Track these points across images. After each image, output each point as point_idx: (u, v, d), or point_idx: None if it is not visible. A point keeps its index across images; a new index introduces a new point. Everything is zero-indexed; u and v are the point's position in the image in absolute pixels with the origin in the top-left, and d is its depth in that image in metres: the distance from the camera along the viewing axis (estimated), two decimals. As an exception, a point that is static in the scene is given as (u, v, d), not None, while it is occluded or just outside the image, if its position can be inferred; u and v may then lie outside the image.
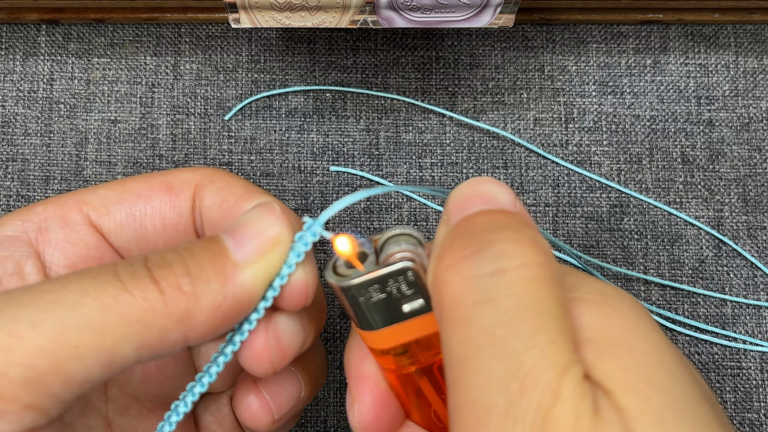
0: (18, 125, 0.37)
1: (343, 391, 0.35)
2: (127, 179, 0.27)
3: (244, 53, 0.38)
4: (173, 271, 0.21)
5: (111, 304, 0.20)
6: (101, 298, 0.20)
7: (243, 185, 0.26)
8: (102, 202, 0.26)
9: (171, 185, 0.27)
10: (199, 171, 0.27)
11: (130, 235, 0.27)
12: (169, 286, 0.21)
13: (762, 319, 0.36)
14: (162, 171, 0.28)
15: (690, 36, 0.38)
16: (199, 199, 0.27)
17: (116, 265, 0.21)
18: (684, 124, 0.37)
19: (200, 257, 0.22)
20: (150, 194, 0.27)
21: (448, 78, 0.38)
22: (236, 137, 0.37)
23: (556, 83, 0.38)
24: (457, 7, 0.29)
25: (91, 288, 0.20)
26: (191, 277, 0.21)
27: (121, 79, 0.37)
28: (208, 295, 0.21)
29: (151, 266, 0.21)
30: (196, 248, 0.22)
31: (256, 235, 0.23)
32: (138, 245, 0.27)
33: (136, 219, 0.27)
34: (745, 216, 0.36)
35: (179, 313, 0.21)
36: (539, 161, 0.37)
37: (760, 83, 0.38)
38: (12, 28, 0.38)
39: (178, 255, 0.22)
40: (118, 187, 0.27)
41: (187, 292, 0.21)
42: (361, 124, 0.37)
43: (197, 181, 0.27)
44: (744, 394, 0.35)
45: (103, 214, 0.26)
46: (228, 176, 0.27)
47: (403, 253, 0.22)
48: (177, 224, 0.27)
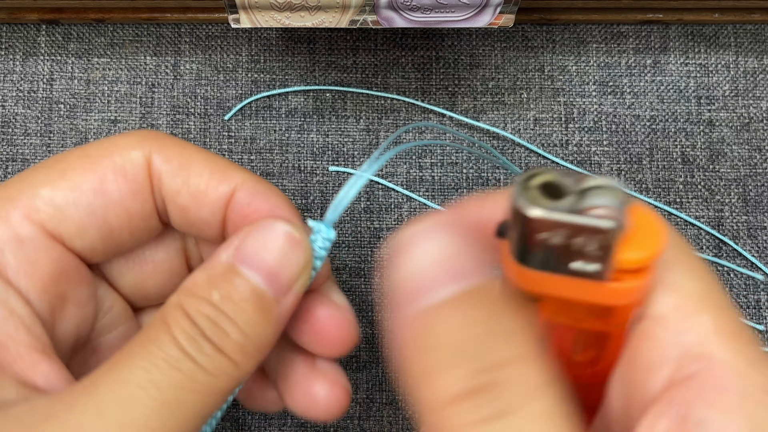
0: (18, 125, 0.37)
1: (343, 391, 0.35)
2: (64, 168, 0.24)
3: (244, 53, 0.38)
4: (234, 340, 0.22)
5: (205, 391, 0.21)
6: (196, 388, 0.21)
7: (203, 161, 0.24)
8: (53, 205, 0.23)
9: (125, 170, 0.24)
10: (143, 142, 0.24)
11: (94, 235, 0.24)
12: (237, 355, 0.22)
13: (762, 319, 0.36)
14: (98, 145, 0.24)
15: (690, 36, 0.38)
16: (156, 180, 0.24)
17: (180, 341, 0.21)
18: (684, 124, 0.37)
19: (248, 314, 0.22)
20: (105, 186, 0.24)
21: (448, 78, 0.38)
22: (236, 137, 0.37)
23: (556, 83, 0.38)
24: (457, 7, 0.29)
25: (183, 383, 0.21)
26: (250, 339, 0.22)
27: (121, 79, 0.38)
28: (267, 342, 0.23)
29: (210, 336, 0.22)
30: (236, 300, 0.22)
31: (286, 269, 0.23)
32: (103, 243, 0.24)
33: (98, 217, 0.24)
34: (745, 216, 0.36)
35: (251, 367, 0.23)
36: (539, 161, 0.37)
37: (761, 83, 0.38)
38: (12, 28, 0.38)
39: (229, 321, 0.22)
40: (63, 183, 0.23)
41: (251, 352, 0.22)
42: (361, 124, 0.37)
43: (147, 158, 0.24)
44: (744, 394, 0.35)
45: (60, 221, 0.23)
46: (180, 148, 0.24)
47: (611, 211, 0.19)
48: (141, 211, 0.24)
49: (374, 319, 0.35)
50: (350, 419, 0.35)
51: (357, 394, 0.35)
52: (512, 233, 0.19)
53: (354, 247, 0.36)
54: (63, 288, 0.24)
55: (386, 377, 0.35)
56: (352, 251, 0.36)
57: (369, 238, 0.36)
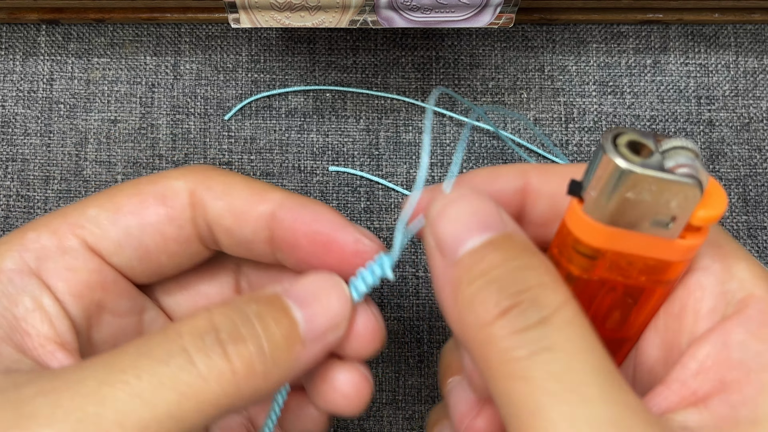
0: (18, 125, 0.37)
1: (343, 391, 0.35)
2: (115, 193, 0.26)
3: (244, 53, 0.38)
4: (248, 347, 0.21)
5: (187, 393, 0.20)
6: (178, 387, 0.20)
7: (244, 185, 0.26)
8: (96, 224, 0.25)
9: (164, 197, 0.26)
10: (188, 175, 0.26)
11: (130, 254, 0.26)
12: (243, 365, 0.21)
13: (762, 319, 0.36)
14: (149, 178, 0.27)
15: (690, 36, 0.38)
16: (200, 209, 0.26)
17: (183, 338, 0.21)
18: (684, 124, 0.37)
19: (274, 333, 0.22)
20: (144, 210, 0.26)
21: (448, 78, 0.38)
22: (236, 137, 0.37)
23: (556, 83, 0.38)
24: (457, 7, 0.29)
25: (167, 377, 0.20)
26: (264, 357, 0.21)
27: (121, 79, 0.37)
28: (276, 375, 0.22)
29: (224, 339, 0.21)
30: (270, 319, 0.22)
31: (324, 313, 0.23)
32: (140, 262, 0.26)
33: (134, 237, 0.26)
34: (745, 216, 0.36)
35: (249, 393, 0.21)
36: (539, 161, 0.37)
37: (760, 83, 0.38)
38: (12, 28, 0.38)
39: (252, 327, 0.22)
40: (109, 205, 0.26)
41: (259, 373, 0.21)
42: (361, 124, 0.37)
43: (190, 188, 0.26)
44: (744, 394, 0.35)
45: (100, 237, 0.25)
46: (222, 177, 0.26)
47: (693, 170, 0.20)
48: (177, 236, 0.26)
49: (374, 319, 0.35)
50: (350, 419, 0.35)
51: (357, 394, 0.35)
52: (593, 190, 0.20)
53: (354, 247, 0.36)
54: (100, 296, 0.25)
55: (386, 377, 0.35)
56: (352, 251, 0.36)
57: (369, 238, 0.36)
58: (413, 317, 0.35)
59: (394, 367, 0.35)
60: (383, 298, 0.35)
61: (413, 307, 0.36)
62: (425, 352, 0.35)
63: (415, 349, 0.35)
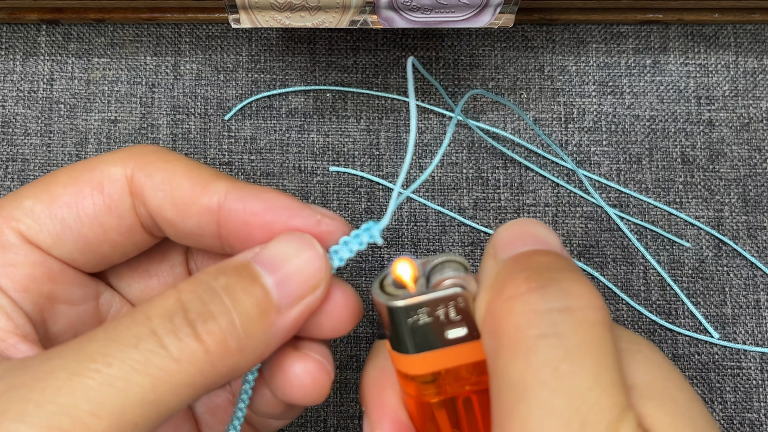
0: (18, 125, 0.37)
1: (343, 391, 0.35)
2: (50, 181, 0.25)
3: (244, 53, 0.38)
4: (219, 324, 0.21)
5: (161, 376, 0.20)
6: (150, 371, 0.19)
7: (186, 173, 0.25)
8: (32, 216, 0.24)
9: (101, 185, 0.25)
10: (127, 160, 0.25)
11: (71, 246, 0.25)
12: (215, 343, 0.20)
13: (762, 319, 0.36)
14: (86, 163, 0.25)
15: (690, 36, 0.38)
16: (140, 197, 0.25)
17: (152, 321, 0.20)
18: (684, 124, 0.37)
19: (244, 304, 0.21)
20: (81, 200, 0.24)
21: (448, 78, 0.38)
22: (236, 137, 0.37)
23: (556, 83, 0.38)
24: (457, 7, 0.29)
25: (138, 363, 0.19)
26: (237, 331, 0.21)
27: (121, 79, 0.37)
28: (252, 347, 0.21)
29: (193, 318, 0.20)
30: (239, 290, 0.21)
31: (298, 275, 0.22)
32: (82, 254, 0.25)
33: (72, 229, 0.24)
34: (745, 216, 0.36)
35: (225, 369, 0.21)
36: (539, 161, 0.37)
37: (760, 83, 0.38)
38: (12, 28, 0.38)
39: (221, 303, 0.21)
40: (44, 196, 0.25)
41: (233, 348, 0.21)
42: (362, 124, 0.37)
43: (128, 175, 0.25)
44: (744, 394, 0.35)
45: (37, 231, 0.24)
46: (163, 163, 0.25)
47: (455, 279, 0.22)
48: (118, 226, 0.25)
49: (374, 319, 0.35)
50: (350, 419, 0.35)
51: (357, 394, 0.35)
52: (386, 330, 0.22)
53: (354, 247, 0.36)
54: (49, 288, 0.25)
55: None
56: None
57: (369, 238, 0.36)
58: (413, 317, 0.35)
59: (394, 367, 0.35)
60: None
61: (413, 307, 0.36)
62: (425, 352, 0.35)
63: (415, 349, 0.35)
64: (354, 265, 0.36)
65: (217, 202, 0.24)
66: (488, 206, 0.36)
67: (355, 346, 0.35)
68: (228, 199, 0.24)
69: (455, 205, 0.36)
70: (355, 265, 0.36)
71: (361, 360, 0.35)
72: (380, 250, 0.36)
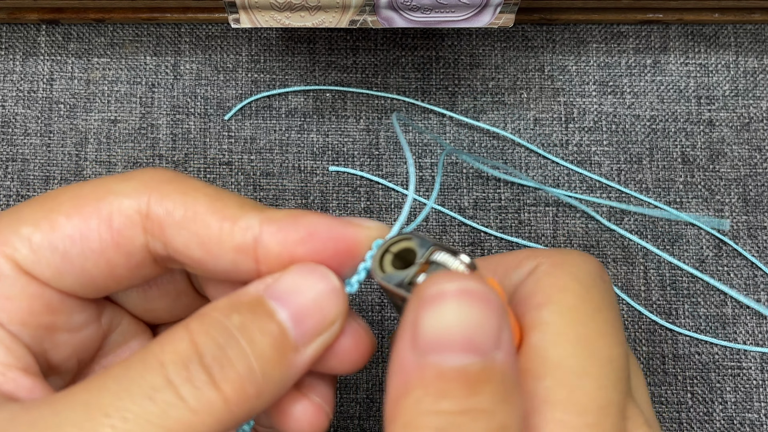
0: (18, 125, 0.37)
1: (343, 391, 0.35)
2: (51, 209, 0.22)
3: (244, 53, 0.38)
4: (237, 371, 0.19)
5: (179, 429, 0.19)
6: (168, 425, 0.18)
7: (208, 206, 0.22)
8: (29, 247, 0.22)
9: (110, 220, 0.22)
10: (140, 191, 0.22)
11: (71, 280, 0.23)
12: (233, 391, 0.19)
13: (762, 319, 0.36)
14: (93, 189, 0.23)
15: (690, 36, 0.38)
16: (159, 236, 0.22)
17: (167, 369, 0.19)
18: (684, 124, 0.37)
19: (262, 346, 0.20)
20: (86, 234, 0.22)
21: (448, 78, 0.38)
22: (236, 137, 0.37)
23: (556, 83, 0.38)
24: (457, 7, 0.29)
25: (155, 416, 0.18)
26: (255, 376, 0.20)
27: (121, 79, 0.37)
28: (270, 391, 0.20)
29: (209, 364, 0.19)
30: (255, 331, 0.20)
31: (315, 310, 0.21)
32: (83, 287, 0.23)
33: (76, 264, 0.22)
34: (745, 216, 0.36)
35: (242, 415, 0.20)
36: (539, 161, 0.37)
37: (760, 83, 0.38)
38: (12, 28, 0.38)
39: (238, 347, 0.20)
40: (44, 224, 0.22)
41: (250, 394, 0.20)
42: (361, 124, 0.37)
43: (142, 210, 0.22)
44: (744, 394, 0.35)
45: (35, 262, 0.22)
46: (180, 196, 0.22)
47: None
48: (126, 263, 0.23)
49: (374, 319, 0.35)
50: (350, 419, 0.35)
51: (357, 394, 0.35)
52: None
53: (354, 247, 0.36)
54: (48, 319, 0.23)
55: (386, 377, 0.35)
56: (352, 251, 0.36)
57: (369, 238, 0.36)
58: (413, 317, 0.35)
59: (394, 367, 0.35)
60: (383, 298, 0.35)
61: (413, 307, 0.36)
62: (425, 352, 0.35)
63: (415, 349, 0.35)
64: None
65: (253, 238, 0.22)
66: (488, 206, 0.36)
67: (355, 346, 0.35)
68: (265, 234, 0.22)
69: (455, 205, 0.36)
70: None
71: (361, 360, 0.35)
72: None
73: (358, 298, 0.35)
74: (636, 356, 0.35)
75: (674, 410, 0.35)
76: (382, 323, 0.35)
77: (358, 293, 0.36)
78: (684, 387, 0.35)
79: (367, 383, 0.35)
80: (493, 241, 0.36)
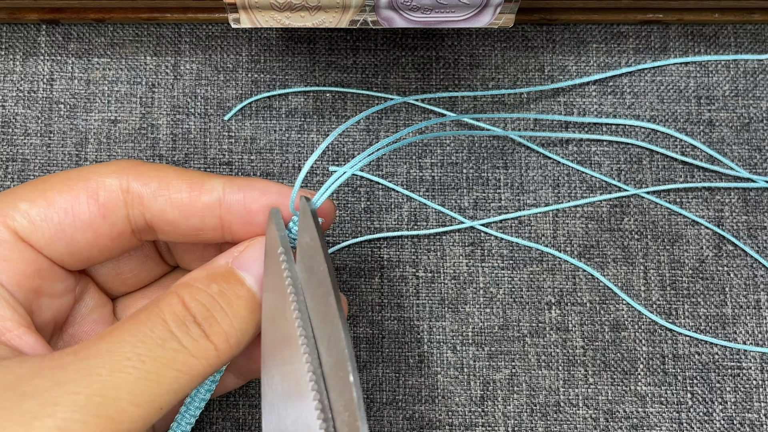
0: (18, 125, 0.37)
1: (343, 391, 0.35)
2: (45, 188, 0.27)
3: (244, 53, 0.38)
4: (222, 327, 0.25)
5: (183, 370, 0.24)
6: (176, 366, 0.24)
7: (178, 176, 0.27)
8: (28, 218, 0.26)
9: (96, 194, 0.27)
10: (121, 172, 0.27)
11: (62, 249, 0.27)
12: (221, 342, 0.25)
13: (762, 319, 0.36)
14: (80, 172, 0.27)
15: (690, 36, 0.38)
16: (138, 204, 0.27)
17: (169, 324, 0.24)
18: (684, 124, 0.37)
19: (238, 307, 0.26)
20: (77, 207, 0.27)
21: (448, 78, 0.38)
22: (236, 137, 0.37)
23: (556, 83, 0.38)
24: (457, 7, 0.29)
25: (166, 360, 0.23)
26: (235, 330, 0.25)
27: (121, 79, 0.37)
28: (246, 341, 0.26)
29: (201, 322, 0.25)
30: (230, 295, 0.26)
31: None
32: (71, 255, 0.27)
33: (67, 234, 0.27)
34: (745, 216, 0.36)
35: (226, 360, 0.25)
36: (539, 161, 0.37)
37: (760, 83, 0.38)
38: (12, 28, 0.38)
39: (221, 309, 0.25)
40: (40, 201, 0.27)
41: (233, 344, 0.25)
42: (361, 124, 0.37)
43: (123, 186, 0.27)
44: (744, 394, 0.35)
45: (32, 231, 0.26)
46: (155, 171, 0.28)
47: None
48: (110, 232, 0.27)
49: (374, 319, 0.35)
50: (350, 419, 0.35)
51: (357, 394, 0.35)
52: None
53: (354, 247, 0.36)
54: (37, 283, 0.27)
55: (386, 377, 0.35)
56: (352, 251, 0.36)
57: (369, 238, 0.36)
58: (413, 317, 0.35)
59: (394, 367, 0.35)
60: (383, 298, 0.36)
61: (413, 307, 0.36)
62: (425, 352, 0.35)
63: (415, 349, 0.35)
64: (353, 266, 0.36)
65: (217, 198, 0.27)
66: (488, 206, 0.36)
67: (355, 347, 0.35)
68: (227, 193, 0.27)
69: (455, 205, 0.36)
70: (354, 266, 0.36)
71: (361, 360, 0.35)
72: (379, 249, 0.36)
73: (358, 298, 0.36)
74: (636, 356, 0.35)
75: (674, 410, 0.35)
76: (382, 323, 0.35)
77: (359, 294, 0.36)
78: (684, 387, 0.35)
79: (367, 383, 0.35)
80: (493, 241, 0.36)
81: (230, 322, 0.25)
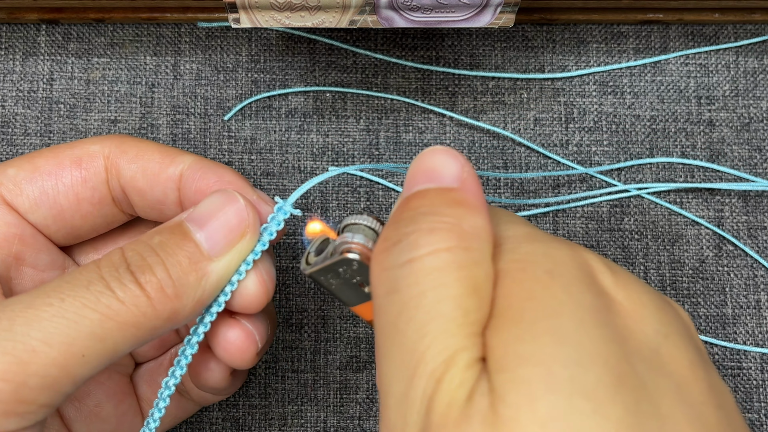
0: (18, 125, 0.37)
1: (343, 392, 0.35)
2: (34, 156, 0.28)
3: (244, 53, 0.38)
4: (155, 274, 0.24)
5: (108, 314, 0.22)
6: (99, 309, 0.22)
7: (157, 150, 0.28)
8: (13, 181, 0.27)
9: (80, 160, 0.28)
10: (105, 141, 0.28)
11: (45, 212, 0.28)
12: (154, 290, 0.23)
13: (762, 319, 0.36)
14: (68, 143, 0.28)
15: (690, 36, 0.38)
16: (115, 170, 0.28)
17: (101, 269, 0.23)
18: (684, 124, 0.37)
19: (177, 256, 0.24)
20: (60, 171, 0.28)
21: (448, 78, 0.38)
22: (236, 137, 0.37)
23: (557, 83, 0.38)
24: (457, 7, 0.29)
25: (88, 300, 0.22)
26: (172, 280, 0.24)
27: (121, 79, 0.37)
28: (188, 293, 0.24)
29: (134, 269, 0.23)
30: (171, 245, 0.24)
31: (225, 227, 0.25)
32: (54, 221, 0.28)
33: (50, 196, 0.27)
34: (745, 216, 0.36)
35: (166, 313, 0.24)
36: (539, 161, 0.37)
37: (760, 83, 0.38)
38: (12, 28, 0.38)
39: (156, 256, 0.24)
40: (27, 165, 0.28)
41: (170, 295, 0.24)
42: (361, 124, 0.37)
43: (105, 153, 0.28)
44: (744, 394, 0.35)
45: (17, 194, 0.27)
46: (136, 142, 0.28)
47: (346, 245, 0.23)
48: (91, 197, 0.28)
49: (374, 319, 0.35)
50: (350, 419, 0.35)
51: (357, 394, 0.35)
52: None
53: (354, 247, 0.36)
54: (18, 249, 0.27)
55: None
56: (352, 251, 0.36)
57: (369, 238, 0.36)
58: (413, 317, 0.35)
59: (394, 367, 0.35)
60: (383, 298, 0.35)
61: (413, 307, 0.35)
62: (425, 352, 0.35)
63: (415, 349, 0.35)
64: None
65: (180, 172, 0.28)
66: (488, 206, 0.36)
67: (355, 347, 0.35)
68: (189, 170, 0.28)
69: (455, 205, 0.36)
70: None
71: (361, 360, 0.35)
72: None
73: (358, 298, 0.36)
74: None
75: (674, 410, 0.35)
76: (382, 323, 0.35)
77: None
78: (684, 387, 0.35)
79: (367, 383, 0.35)
80: (493, 241, 0.36)
81: (166, 273, 0.24)
